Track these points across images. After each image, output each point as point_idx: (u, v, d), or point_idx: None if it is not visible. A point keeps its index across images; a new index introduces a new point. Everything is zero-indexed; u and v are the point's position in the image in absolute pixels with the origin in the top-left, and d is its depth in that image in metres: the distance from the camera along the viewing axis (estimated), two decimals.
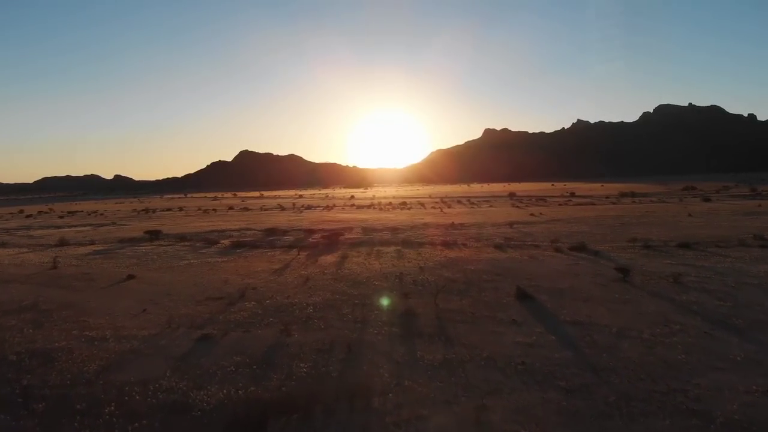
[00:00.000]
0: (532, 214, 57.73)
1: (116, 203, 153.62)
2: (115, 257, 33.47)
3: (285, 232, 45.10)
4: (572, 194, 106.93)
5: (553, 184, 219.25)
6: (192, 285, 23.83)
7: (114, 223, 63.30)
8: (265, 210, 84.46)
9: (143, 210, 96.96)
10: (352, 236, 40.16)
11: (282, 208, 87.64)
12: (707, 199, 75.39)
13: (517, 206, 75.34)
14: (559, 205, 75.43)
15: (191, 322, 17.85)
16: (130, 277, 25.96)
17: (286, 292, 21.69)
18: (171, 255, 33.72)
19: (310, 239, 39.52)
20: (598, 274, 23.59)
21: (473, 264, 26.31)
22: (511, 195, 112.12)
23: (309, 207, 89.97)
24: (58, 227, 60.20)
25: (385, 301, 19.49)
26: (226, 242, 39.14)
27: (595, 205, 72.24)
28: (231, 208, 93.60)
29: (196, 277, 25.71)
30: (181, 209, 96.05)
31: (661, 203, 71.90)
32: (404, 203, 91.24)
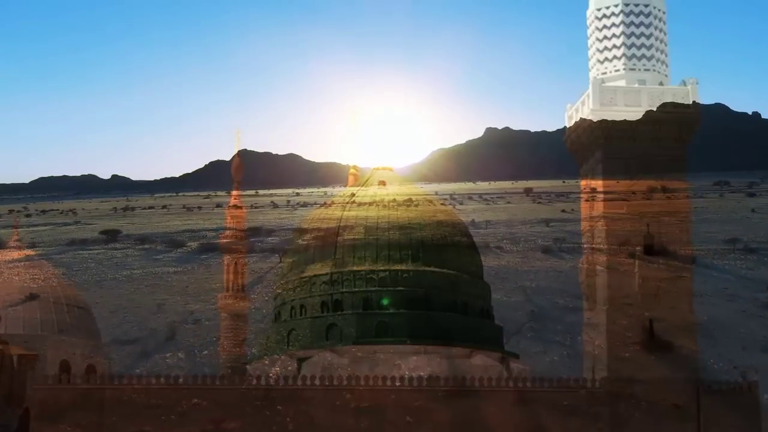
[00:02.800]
0: (563, 210, 50.10)
1: (101, 202, 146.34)
2: (41, 266, 25.73)
3: (271, 232, 37.34)
4: (593, 190, 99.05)
5: (564, 181, 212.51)
6: (107, 313, 15.99)
7: (78, 222, 55.95)
8: (256, 207, 76.83)
9: (123, 208, 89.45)
10: (352, 237, 32.55)
11: (275, 206, 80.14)
12: (751, 194, 68.29)
13: (540, 202, 67.87)
14: (586, 200, 67.93)
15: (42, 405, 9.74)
16: (32, 297, 17.98)
17: (243, 329, 13.53)
18: (114, 263, 25.84)
19: (299, 241, 31.74)
20: (732, 294, 15.59)
21: (529, 278, 18.33)
22: (527, 191, 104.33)
23: (305, 204, 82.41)
24: (11, 227, 52.49)
25: None
26: (193, 245, 31.32)
27: (626, 200, 64.75)
28: (219, 205, 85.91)
29: (123, 297, 17.97)
30: (164, 207, 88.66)
31: (698, 198, 64.56)
32: (410, 200, 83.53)
